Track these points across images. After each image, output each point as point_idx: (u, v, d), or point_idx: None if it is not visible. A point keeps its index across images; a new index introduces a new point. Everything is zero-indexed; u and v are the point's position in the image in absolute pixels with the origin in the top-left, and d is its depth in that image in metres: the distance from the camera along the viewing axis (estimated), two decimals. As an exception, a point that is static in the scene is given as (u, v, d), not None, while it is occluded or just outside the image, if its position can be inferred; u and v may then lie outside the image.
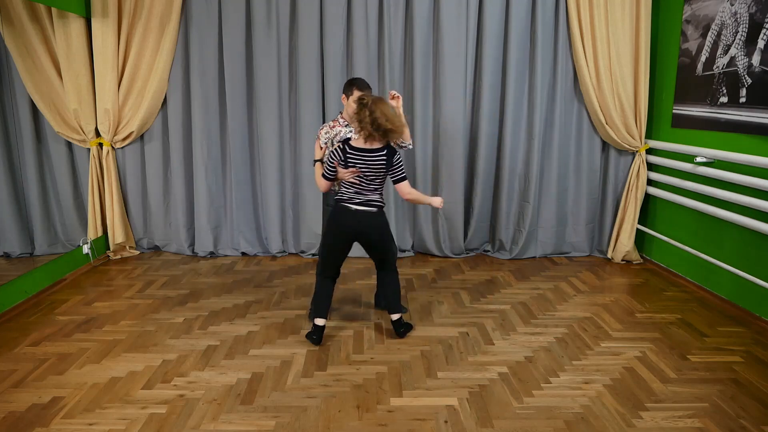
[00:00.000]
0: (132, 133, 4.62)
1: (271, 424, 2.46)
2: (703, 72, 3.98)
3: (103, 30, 4.35)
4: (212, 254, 4.92)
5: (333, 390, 2.74)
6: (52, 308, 3.73)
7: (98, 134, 4.60)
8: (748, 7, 3.53)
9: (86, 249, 4.51)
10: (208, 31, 4.53)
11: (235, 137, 4.71)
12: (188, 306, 3.79)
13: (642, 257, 4.84)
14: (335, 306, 3.78)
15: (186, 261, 4.77)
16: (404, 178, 3.07)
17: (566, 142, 4.75)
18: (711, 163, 3.87)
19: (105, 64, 4.41)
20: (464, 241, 4.96)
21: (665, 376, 2.87)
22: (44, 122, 4.11)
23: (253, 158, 4.83)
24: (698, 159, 3.91)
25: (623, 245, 4.70)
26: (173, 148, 4.74)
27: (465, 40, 4.53)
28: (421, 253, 5.01)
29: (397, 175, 3.06)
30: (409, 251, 4.98)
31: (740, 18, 3.60)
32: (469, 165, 4.84)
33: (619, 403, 2.63)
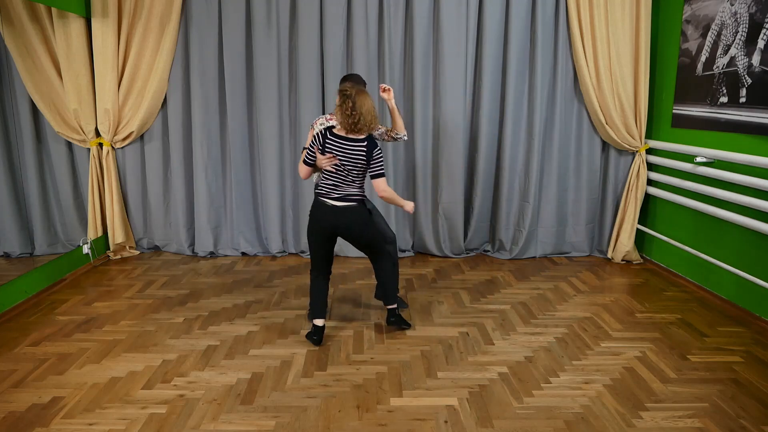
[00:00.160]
0: (132, 133, 4.63)
1: (271, 424, 2.46)
2: (703, 72, 3.98)
3: (103, 30, 4.35)
4: (212, 254, 4.92)
5: (333, 390, 2.74)
6: (52, 308, 3.73)
7: (98, 134, 4.61)
8: (748, 7, 3.53)
9: (86, 249, 4.51)
10: (208, 31, 4.54)
11: (235, 137, 4.72)
12: (188, 306, 3.79)
13: (642, 257, 4.84)
14: (335, 306, 3.79)
15: (186, 261, 4.78)
16: (382, 175, 3.04)
17: (566, 142, 4.75)
18: (711, 163, 3.87)
19: (105, 64, 4.41)
20: (464, 241, 4.96)
21: (665, 376, 2.87)
22: (44, 122, 4.11)
23: (253, 158, 4.83)
24: (698, 159, 3.91)
25: (623, 245, 4.71)
26: (173, 148, 4.74)
27: (465, 40, 4.54)
28: (421, 253, 5.01)
29: (376, 171, 3.02)
30: (409, 251, 4.98)
31: (740, 18, 3.60)
32: (469, 165, 4.84)
33: (619, 403, 2.63)
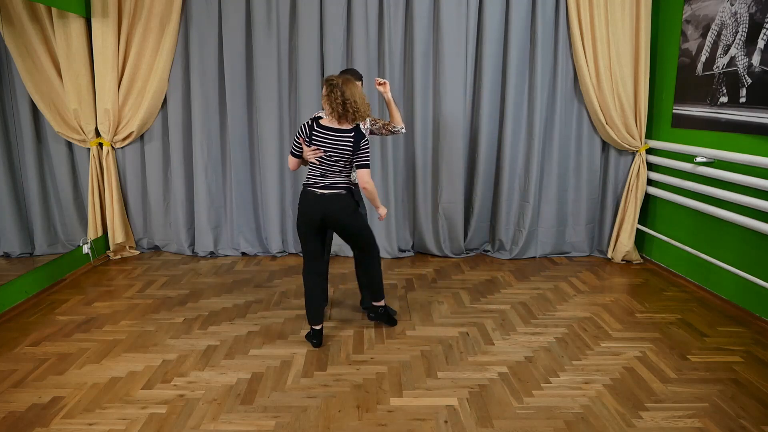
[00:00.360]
0: (132, 133, 4.63)
1: (271, 424, 2.46)
2: (703, 72, 3.98)
3: (103, 30, 4.35)
4: (212, 254, 4.92)
5: (333, 390, 2.74)
6: (52, 308, 3.73)
7: (98, 134, 4.61)
8: (748, 7, 3.53)
9: (86, 249, 4.51)
10: (208, 31, 4.54)
11: (235, 137, 4.71)
12: (188, 306, 3.79)
13: (642, 257, 4.84)
14: (335, 306, 3.79)
15: (186, 261, 4.77)
16: (367, 166, 3.02)
17: (566, 142, 4.75)
18: (711, 163, 3.87)
19: (105, 64, 4.41)
20: (464, 241, 4.96)
21: (665, 376, 2.87)
22: (44, 122, 4.11)
23: (253, 158, 4.83)
24: (698, 159, 3.91)
25: (623, 245, 4.70)
26: (173, 148, 4.74)
27: (465, 40, 4.53)
28: (421, 253, 5.01)
29: (361, 161, 3.01)
30: (409, 251, 4.98)
31: (740, 18, 3.60)
32: (469, 165, 4.84)
33: (619, 403, 2.63)
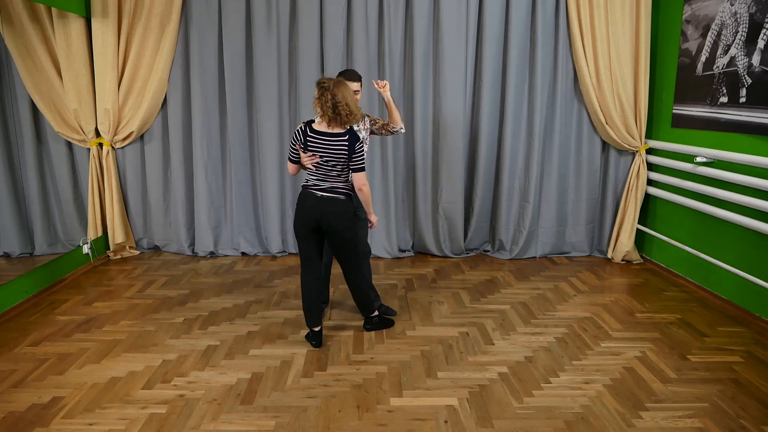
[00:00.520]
0: (132, 133, 4.63)
1: (271, 424, 2.46)
2: (703, 72, 3.98)
3: (103, 30, 4.35)
4: (212, 254, 4.92)
5: (333, 390, 2.74)
6: (52, 308, 3.73)
7: (98, 134, 4.60)
8: (748, 7, 3.53)
9: (86, 249, 4.51)
10: (208, 31, 4.54)
11: (235, 137, 4.71)
12: (188, 306, 3.79)
13: (642, 257, 4.84)
14: (335, 306, 3.79)
15: (186, 261, 4.77)
16: (362, 169, 3.02)
17: (566, 142, 4.75)
18: (711, 163, 3.87)
19: (105, 64, 4.41)
20: (464, 241, 4.96)
21: (665, 376, 2.87)
22: (44, 122, 4.11)
23: (253, 158, 4.83)
24: (698, 159, 3.91)
25: (623, 245, 4.70)
26: (173, 148, 4.74)
27: (465, 40, 4.53)
28: (421, 253, 5.01)
29: (357, 164, 3.01)
30: (409, 251, 4.98)
31: (740, 18, 3.60)
32: (469, 165, 4.84)
33: (619, 403, 2.63)
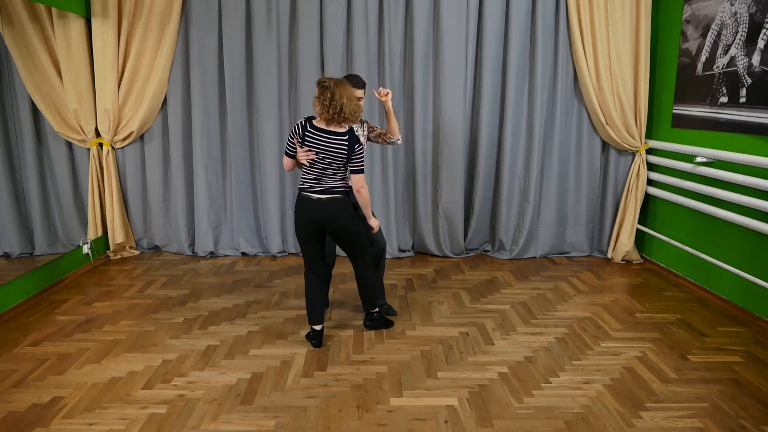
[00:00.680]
0: (132, 133, 4.63)
1: (271, 424, 2.46)
2: (703, 72, 3.98)
3: (103, 30, 4.35)
4: (212, 254, 4.92)
5: (333, 390, 2.74)
6: (52, 308, 3.73)
7: (98, 134, 4.61)
8: (748, 7, 3.53)
9: (86, 249, 4.51)
10: (208, 31, 4.54)
11: (235, 137, 4.71)
12: (188, 306, 3.79)
13: (642, 257, 4.84)
14: (335, 306, 3.79)
15: (186, 261, 4.77)
16: (362, 171, 3.01)
17: (566, 142, 4.75)
18: (711, 163, 3.87)
19: (105, 64, 4.41)
20: (464, 241, 4.96)
21: (665, 376, 2.87)
22: (44, 122, 4.11)
23: (253, 158, 4.83)
24: (698, 159, 3.91)
25: (623, 245, 4.70)
26: (173, 148, 4.74)
27: (465, 40, 4.53)
28: (421, 253, 5.01)
29: (356, 166, 3.00)
30: (409, 251, 4.98)
31: (740, 18, 3.60)
32: (469, 165, 4.84)
33: (619, 403, 2.63)
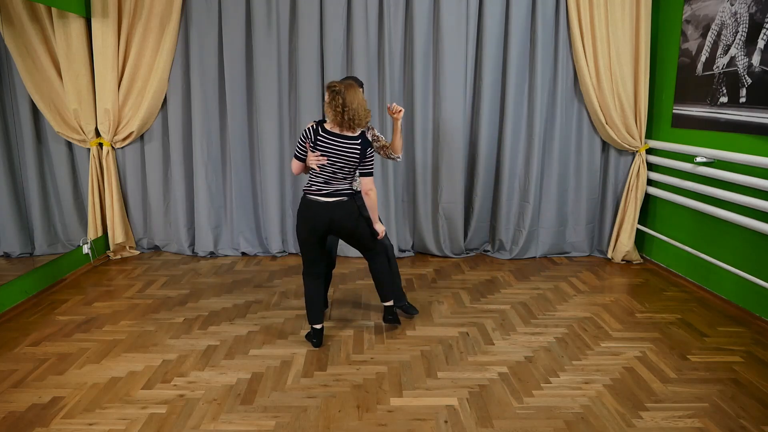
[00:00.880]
0: (132, 133, 4.63)
1: (271, 424, 2.46)
2: (703, 72, 3.98)
3: (103, 30, 4.35)
4: (212, 254, 4.92)
5: (333, 390, 2.74)
6: (52, 308, 3.73)
7: (98, 134, 4.61)
8: (748, 7, 3.53)
9: (86, 249, 4.51)
10: (208, 31, 4.54)
11: (235, 137, 4.71)
12: (188, 306, 3.79)
13: (642, 257, 4.84)
14: (335, 306, 3.79)
15: (186, 261, 4.77)
16: (372, 173, 3.03)
17: (566, 142, 4.75)
18: (711, 163, 3.87)
19: (105, 64, 4.41)
20: (464, 241, 4.96)
21: (665, 376, 2.87)
22: (44, 122, 4.11)
23: (253, 158, 4.83)
24: (698, 159, 3.91)
25: (623, 245, 4.70)
26: (173, 148, 4.74)
27: (465, 40, 4.53)
28: (421, 253, 5.01)
29: (367, 168, 3.01)
30: (409, 251, 4.98)
31: (740, 18, 3.60)
32: (469, 165, 4.84)
33: (619, 403, 2.63)
